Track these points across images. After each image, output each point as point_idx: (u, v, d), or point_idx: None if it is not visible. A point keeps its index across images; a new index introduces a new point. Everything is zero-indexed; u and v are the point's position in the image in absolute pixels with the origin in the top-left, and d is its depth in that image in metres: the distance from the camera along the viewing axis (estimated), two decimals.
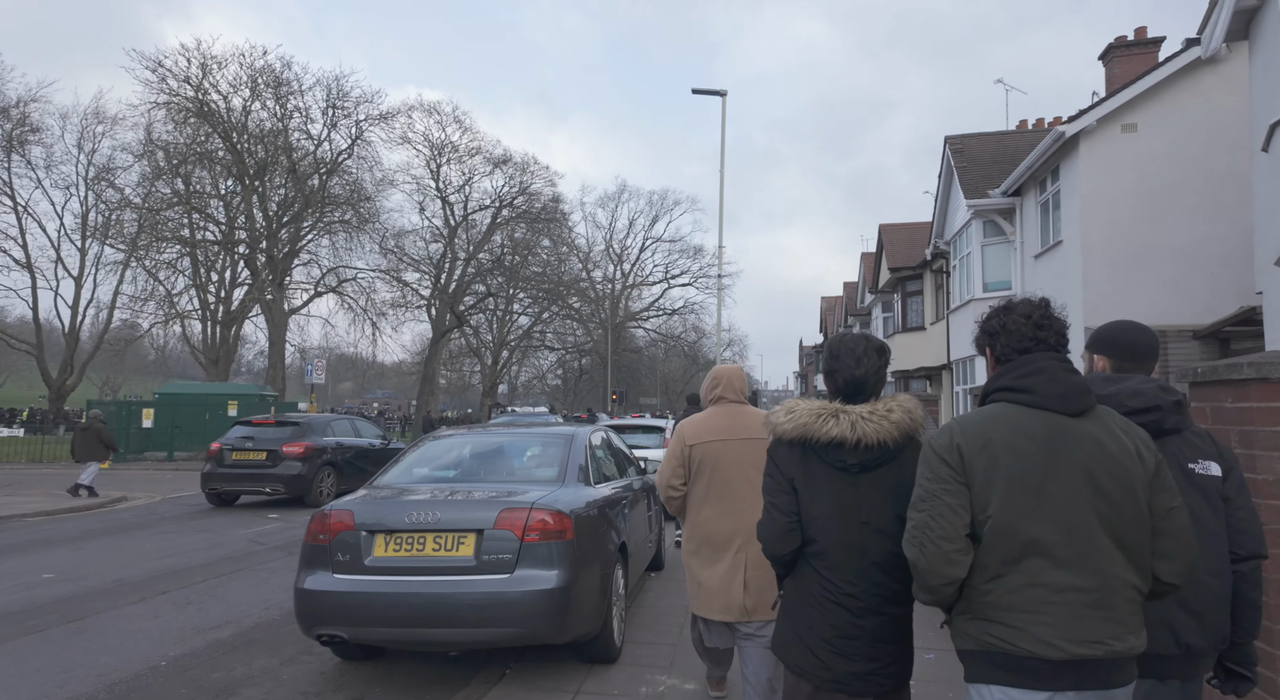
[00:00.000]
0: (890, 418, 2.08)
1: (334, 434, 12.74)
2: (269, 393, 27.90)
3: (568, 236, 44.42)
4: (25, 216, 33.93)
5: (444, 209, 38.71)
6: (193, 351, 40.19)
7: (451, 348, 51.33)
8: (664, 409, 52.38)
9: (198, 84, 30.20)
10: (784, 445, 2.16)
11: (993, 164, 15.03)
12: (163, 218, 30.82)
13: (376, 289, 35.85)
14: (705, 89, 20.61)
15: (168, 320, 33.82)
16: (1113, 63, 14.52)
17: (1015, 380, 1.74)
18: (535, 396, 70.31)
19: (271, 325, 32.95)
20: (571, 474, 4.65)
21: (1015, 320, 1.80)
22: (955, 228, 16.20)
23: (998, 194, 13.84)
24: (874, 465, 2.06)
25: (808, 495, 2.09)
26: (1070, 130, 10.85)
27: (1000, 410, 1.72)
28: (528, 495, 4.12)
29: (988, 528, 1.63)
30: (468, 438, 5.25)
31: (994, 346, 1.84)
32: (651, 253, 59.35)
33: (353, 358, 40.51)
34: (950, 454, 1.69)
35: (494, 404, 46.88)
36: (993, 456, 1.65)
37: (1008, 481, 1.63)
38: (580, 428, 5.38)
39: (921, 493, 1.72)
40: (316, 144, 33.07)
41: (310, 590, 3.91)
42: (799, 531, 2.09)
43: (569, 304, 45.87)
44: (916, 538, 1.70)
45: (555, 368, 64.06)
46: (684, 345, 62.11)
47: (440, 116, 37.62)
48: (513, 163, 39.61)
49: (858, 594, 2.02)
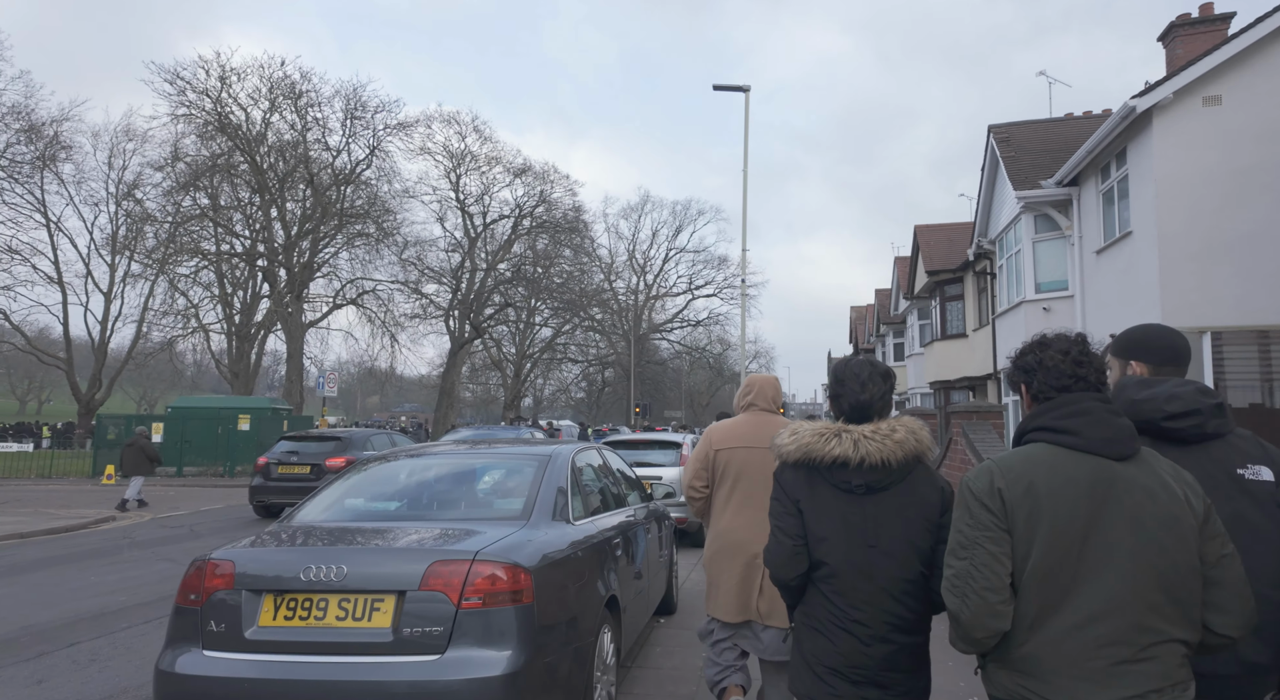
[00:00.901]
0: (893, 437, 2.04)
1: (374, 447, 13.14)
2: (283, 406, 27.31)
3: (589, 247, 43.62)
4: (57, 233, 34.33)
5: (463, 219, 38.21)
6: (218, 365, 40.37)
7: (475, 361, 50.79)
8: (690, 423, 51.11)
9: (216, 96, 30.04)
10: (789, 468, 2.14)
11: (1043, 153, 13.69)
12: (183, 230, 30.65)
13: (396, 301, 35.37)
14: (727, 85, 19.63)
15: (190, 333, 33.63)
16: (1175, 43, 13.13)
17: (1057, 421, 1.65)
18: (560, 409, 69.59)
19: (289, 338, 32.55)
20: (543, 507, 3.53)
21: (1053, 356, 1.72)
22: (1001, 224, 14.85)
23: (1051, 184, 12.51)
24: (880, 487, 2.03)
25: (814, 517, 2.06)
26: (1142, 104, 9.53)
27: (1041, 452, 1.64)
28: (472, 540, 3.01)
29: (1026, 575, 1.57)
30: (421, 460, 4.14)
31: (1030, 383, 1.75)
32: (675, 263, 58.44)
33: (382, 372, 40.03)
34: (991, 499, 1.61)
35: (515, 417, 46.09)
36: (1035, 502, 1.58)
37: (1050, 529, 1.56)
38: (563, 446, 4.28)
39: (961, 539, 1.64)
40: (335, 154, 32.75)
41: (169, 673, 2.85)
42: (805, 555, 2.06)
43: (590, 315, 44.98)
44: (958, 587, 1.61)
45: (579, 380, 63.26)
46: (709, 357, 60.88)
47: (460, 126, 37.28)
48: (533, 172, 39.06)
49: (865, 621, 1.98)
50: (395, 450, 4.35)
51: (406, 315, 34.96)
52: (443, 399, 36.19)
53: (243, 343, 34.63)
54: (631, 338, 50.86)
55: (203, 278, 33.76)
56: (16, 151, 30.86)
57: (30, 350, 38.73)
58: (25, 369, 61.67)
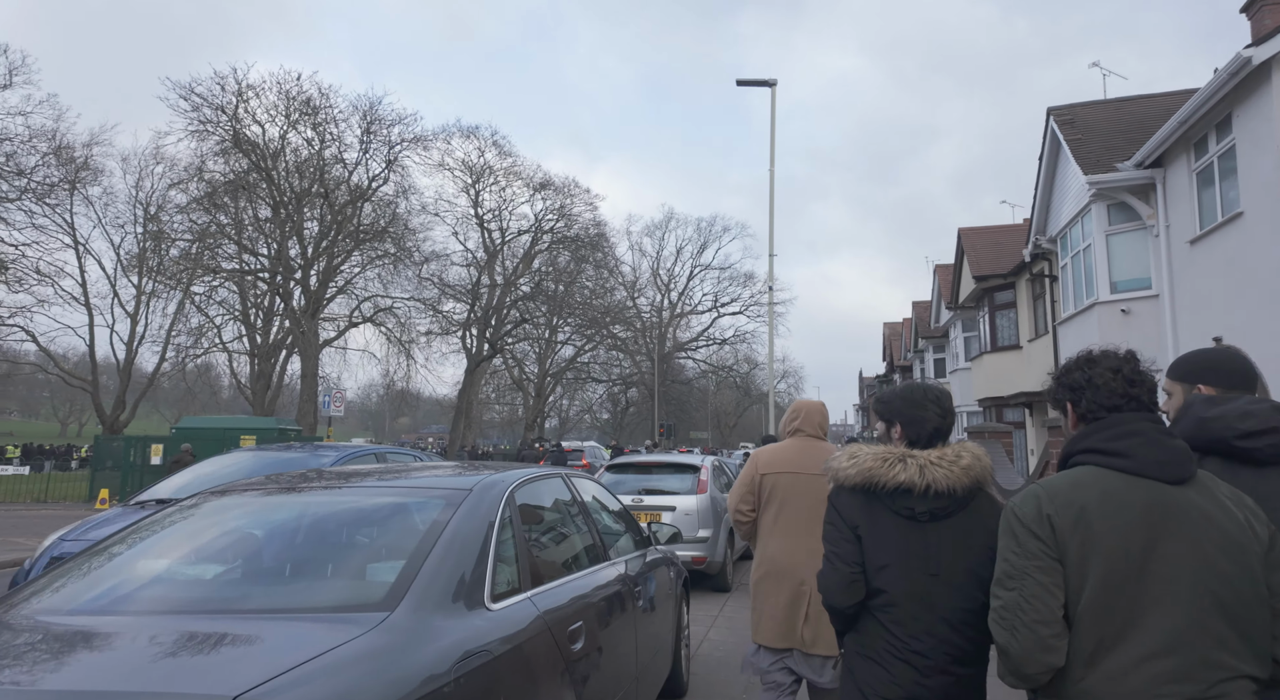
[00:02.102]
0: (960, 464, 1.97)
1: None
2: (291, 427, 26.34)
3: (612, 264, 42.40)
4: (85, 255, 34.21)
5: (482, 234, 37.28)
6: (239, 386, 39.97)
7: (499, 382, 49.67)
8: (717, 445, 49.25)
9: (233, 112, 29.61)
10: (846, 492, 2.06)
11: (1115, 134, 12.01)
12: (200, 247, 30.20)
13: (413, 319, 34.44)
14: (751, 80, 18.34)
15: (203, 353, 33.14)
16: (1261, 14, 11.44)
17: (1107, 442, 1.57)
18: (585, 431, 68.20)
19: (304, 358, 31.74)
20: (430, 584, 2.01)
21: (1102, 374, 1.63)
22: (1065, 218, 13.13)
23: (1129, 166, 10.82)
24: (943, 514, 1.95)
25: (873, 544, 1.98)
26: (1259, 55, 7.88)
27: (1091, 476, 1.56)
28: (238, 669, 1.52)
29: (1081, 607, 1.48)
30: (267, 500, 2.62)
31: (1077, 402, 1.67)
32: (700, 281, 57.07)
33: (400, 393, 39.14)
34: (1040, 526, 1.53)
35: (536, 438, 44.75)
36: (1088, 530, 1.50)
37: (1106, 558, 1.47)
38: (502, 475, 2.80)
39: (1009, 569, 1.56)
40: (350, 170, 32.12)
41: None
42: (863, 583, 1.98)
43: (612, 333, 43.63)
44: (1007, 620, 1.54)
45: (604, 401, 61.89)
46: (736, 377, 59.12)
47: (479, 141, 36.47)
48: (553, 187, 38.09)
49: (925, 651, 1.89)
50: (240, 484, 2.85)
51: (422, 332, 33.94)
52: (459, 419, 34.95)
53: (262, 362, 34.10)
54: (655, 356, 49.40)
55: (219, 296, 33.37)
56: (47, 174, 30.95)
57: (56, 373, 38.81)
58: (66, 393, 62.33)
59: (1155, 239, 10.92)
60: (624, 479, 8.59)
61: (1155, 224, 10.84)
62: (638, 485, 8.38)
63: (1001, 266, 17.96)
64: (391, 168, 31.87)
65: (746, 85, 18.34)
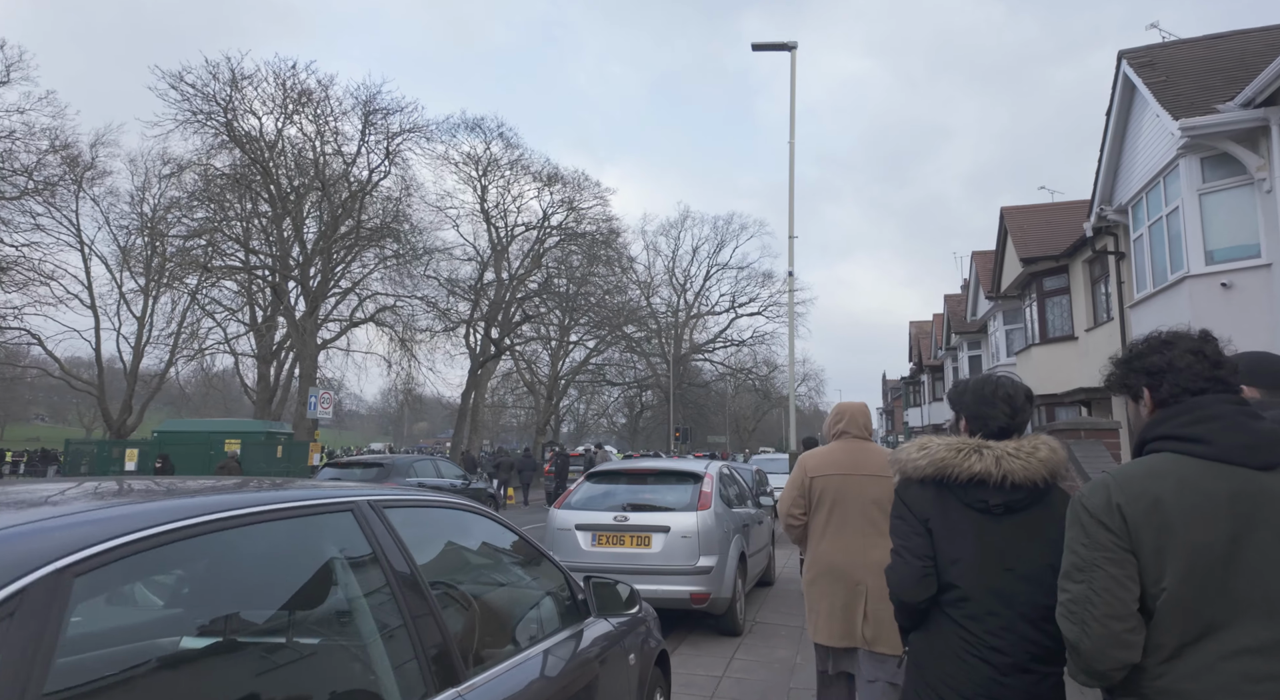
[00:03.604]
0: (1037, 456, 1.88)
1: (417, 475, 12.70)
2: (281, 429, 24.93)
3: (623, 261, 40.60)
4: (91, 258, 33.25)
5: (489, 229, 35.76)
6: (245, 389, 39.00)
7: (512, 385, 48.08)
8: (732, 450, 47.30)
9: (226, 103, 28.36)
10: (915, 485, 1.98)
11: (1211, 73, 9.99)
12: (192, 244, 29.04)
13: (416, 317, 32.96)
14: (768, 44, 16.56)
15: (195, 354, 32.01)
16: None
17: (1184, 428, 1.48)
18: (602, 434, 66.62)
19: (302, 358, 30.38)
20: None
21: (1183, 357, 1.54)
22: (1141, 181, 11.11)
23: (1234, 107, 8.83)
24: (1019, 507, 1.87)
25: (945, 538, 1.90)
26: None
27: (1166, 463, 1.47)
28: None
29: (1161, 602, 1.41)
30: None
31: (1157, 388, 1.57)
32: (717, 281, 55.23)
33: (416, 396, 37.69)
34: (1109, 516, 1.45)
35: (547, 443, 43.09)
36: (1164, 520, 1.41)
37: (1187, 550, 1.39)
38: (75, 518, 1.00)
39: (1077, 561, 1.50)
40: (349, 163, 30.75)
41: None
42: (935, 578, 1.90)
43: (625, 332, 41.87)
44: (1076, 614, 1.47)
45: (621, 405, 60.20)
46: (755, 379, 57.10)
47: (484, 134, 34.96)
48: (562, 180, 36.48)
49: (1004, 648, 1.81)
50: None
51: (421, 330, 32.40)
52: (461, 422, 33.29)
53: (264, 365, 32.97)
54: (671, 358, 47.59)
55: (220, 296, 32.30)
56: (49, 173, 30.07)
57: (61, 376, 38.18)
58: (73, 397, 62.11)
59: (1266, 195, 8.90)
60: (607, 491, 6.80)
61: (1267, 177, 8.82)
62: (623, 499, 6.58)
63: (1054, 247, 15.91)
64: (392, 159, 30.42)
65: (763, 49, 16.55)
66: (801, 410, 60.18)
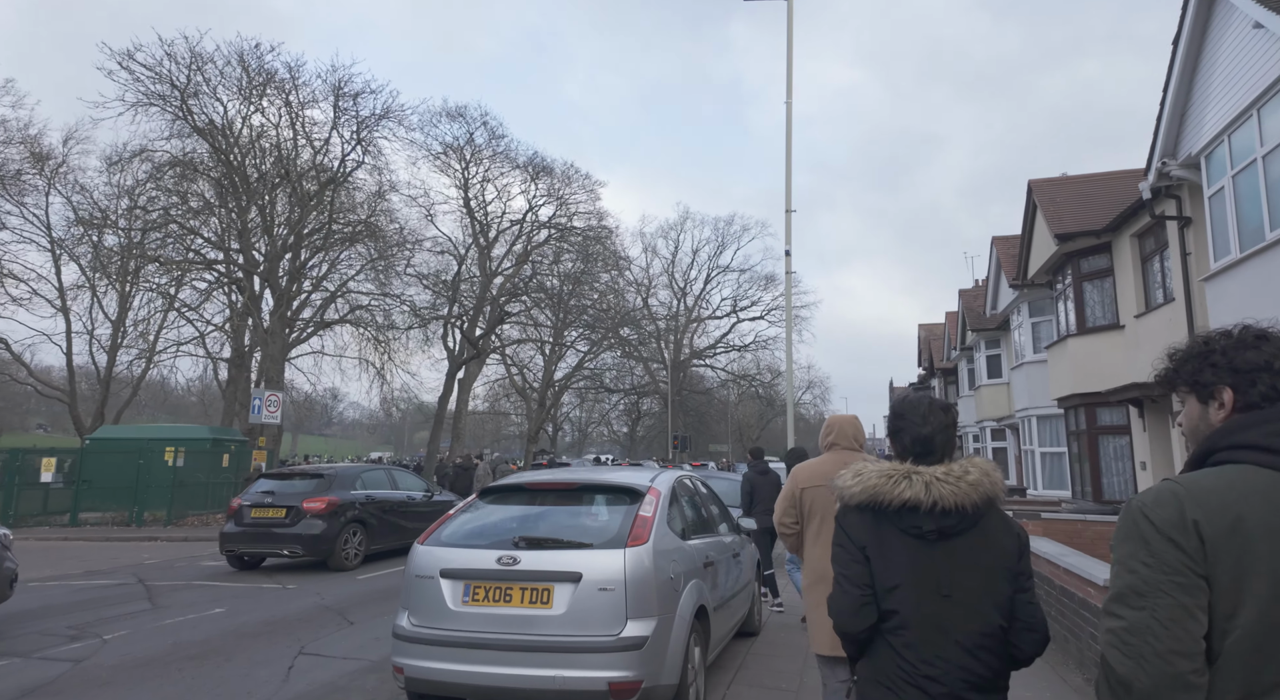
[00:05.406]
0: (967, 479, 1.89)
1: (364, 486, 11.64)
2: (230, 436, 22.74)
3: (617, 261, 38.40)
4: (62, 258, 31.36)
5: (471, 223, 33.68)
6: (222, 392, 37.05)
7: (505, 388, 45.91)
8: (732, 458, 44.99)
9: (184, 86, 26.38)
10: (853, 511, 1.99)
11: None
12: (141, 236, 27.02)
13: (393, 315, 30.85)
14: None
15: (151, 356, 29.94)
16: None
17: (1269, 437, 1.27)
18: (604, 443, 64.32)
19: (266, 359, 28.27)
20: None
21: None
22: (1226, 118, 8.86)
23: None
24: (954, 532, 1.87)
25: (883, 565, 1.89)
26: None
27: (1246, 477, 1.25)
28: None
29: (1231, 642, 1.20)
30: None
31: (1248, 389, 1.34)
32: (718, 285, 53.16)
33: (388, 399, 35.69)
34: (1183, 534, 1.22)
35: (539, 451, 40.81)
36: (1246, 544, 1.20)
37: (1272, 581, 1.18)
38: None
39: (1135, 583, 1.24)
40: (318, 151, 28.75)
41: None
42: (874, 606, 1.89)
43: (621, 336, 39.67)
44: (1133, 647, 1.22)
45: (621, 412, 57.93)
46: (758, 386, 54.80)
47: (467, 122, 32.95)
48: (550, 172, 34.42)
49: (939, 677, 1.80)
50: None
51: (402, 328, 30.24)
52: (437, 429, 31.00)
53: (233, 367, 30.98)
54: (670, 362, 45.40)
55: (185, 295, 30.38)
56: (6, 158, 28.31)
57: (27, 381, 36.34)
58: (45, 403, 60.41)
59: None
60: (502, 515, 4.59)
61: None
62: (518, 529, 4.36)
63: (1094, 221, 13.66)
64: (365, 147, 28.36)
65: None
66: (807, 419, 57.68)
